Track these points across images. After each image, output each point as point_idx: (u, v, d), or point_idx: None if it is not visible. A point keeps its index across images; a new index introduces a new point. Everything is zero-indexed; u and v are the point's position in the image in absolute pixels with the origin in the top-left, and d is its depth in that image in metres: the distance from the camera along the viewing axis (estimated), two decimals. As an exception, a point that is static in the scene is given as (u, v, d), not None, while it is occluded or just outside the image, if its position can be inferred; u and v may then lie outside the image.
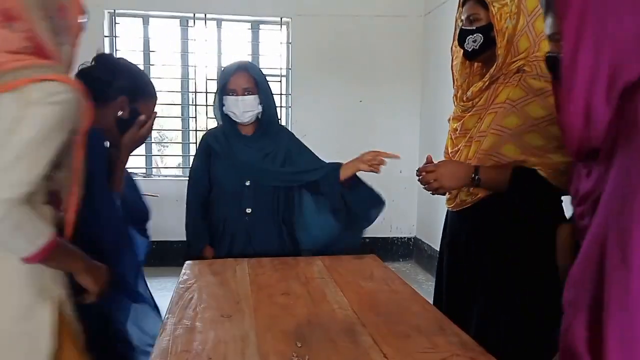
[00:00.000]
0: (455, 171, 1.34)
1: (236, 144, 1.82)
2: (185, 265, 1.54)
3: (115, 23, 4.10)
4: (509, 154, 1.28)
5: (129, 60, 1.47)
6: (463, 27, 1.40)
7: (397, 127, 4.43)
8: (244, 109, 1.75)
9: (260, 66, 4.30)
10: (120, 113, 1.36)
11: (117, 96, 1.35)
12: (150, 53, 4.19)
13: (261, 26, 4.33)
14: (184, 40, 4.21)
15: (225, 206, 1.80)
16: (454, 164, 1.38)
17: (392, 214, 4.57)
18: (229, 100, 1.76)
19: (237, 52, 4.34)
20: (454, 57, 1.53)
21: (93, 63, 1.37)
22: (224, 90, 1.77)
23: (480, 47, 1.36)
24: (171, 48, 4.23)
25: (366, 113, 4.39)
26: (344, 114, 4.37)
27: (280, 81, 4.34)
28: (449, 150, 1.51)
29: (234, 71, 1.77)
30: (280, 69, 4.33)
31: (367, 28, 4.29)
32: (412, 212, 4.43)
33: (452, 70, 1.54)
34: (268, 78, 1.87)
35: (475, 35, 1.36)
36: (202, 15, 4.10)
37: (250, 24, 4.30)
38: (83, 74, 1.32)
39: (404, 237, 4.51)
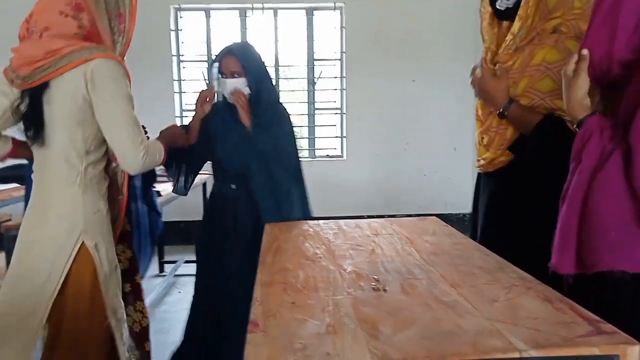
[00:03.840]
0: (492, 92, 1.38)
1: (225, 123, 1.95)
2: (265, 227, 1.74)
3: (179, 17, 4.39)
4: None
5: None
6: None
7: (451, 106, 4.48)
8: (230, 91, 1.87)
9: (315, 51, 4.50)
10: None
11: None
12: (212, 44, 4.46)
13: (315, 12, 4.49)
14: (243, 30, 4.45)
15: (216, 181, 2.02)
16: (494, 84, 1.38)
17: (447, 191, 4.65)
18: (221, 82, 1.91)
19: (294, 38, 4.53)
20: (482, 19, 1.50)
21: None
22: (218, 72, 1.92)
23: (515, 5, 1.33)
24: (231, 38, 4.48)
25: (419, 92, 4.47)
26: (398, 94, 4.48)
27: (335, 65, 4.49)
28: (479, 113, 1.52)
29: (223, 55, 1.90)
30: (335, 52, 4.48)
31: (418, 8, 4.36)
32: (468, 188, 4.46)
33: (481, 32, 1.51)
34: (323, 62, 1.95)
35: None
36: (260, 5, 4.31)
37: (304, 10, 4.47)
38: None
39: (460, 214, 4.58)
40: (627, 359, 0.78)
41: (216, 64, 1.93)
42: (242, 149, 1.91)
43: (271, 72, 4.50)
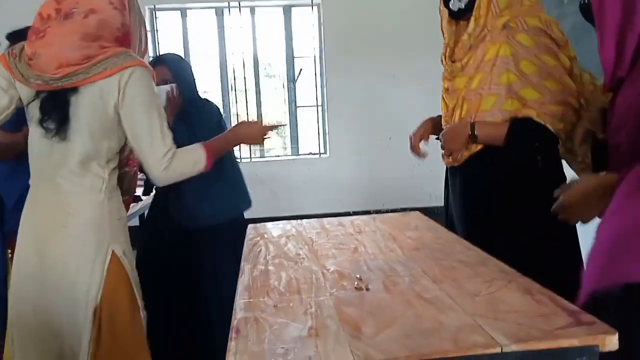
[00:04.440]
0: (454, 133, 1.47)
1: None
2: (248, 227, 1.73)
3: (155, 18, 4.32)
4: (511, 109, 1.38)
5: None
6: None
7: (431, 99, 4.47)
8: (163, 96, 1.96)
9: (294, 48, 4.48)
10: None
11: None
12: (189, 44, 4.41)
13: (293, 10, 4.46)
14: (220, 29, 4.41)
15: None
16: (453, 126, 1.50)
17: (430, 184, 4.67)
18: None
19: (272, 36, 4.51)
20: (442, 18, 1.59)
21: None
22: None
23: (466, 5, 1.43)
24: (209, 37, 4.44)
25: (400, 87, 4.48)
26: (378, 89, 4.48)
27: (314, 62, 4.47)
28: (444, 113, 1.61)
29: (154, 65, 1.99)
30: (314, 49, 4.46)
31: (396, 4, 4.35)
32: (451, 181, 4.50)
33: (441, 30, 1.61)
34: (302, 60, 2.02)
35: None
36: (237, 4, 4.27)
37: (282, 8, 4.44)
38: None
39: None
40: (607, 348, 0.79)
41: None
42: None
43: (250, 70, 4.51)
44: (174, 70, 2.02)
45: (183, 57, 2.17)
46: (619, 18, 0.92)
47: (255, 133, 1.68)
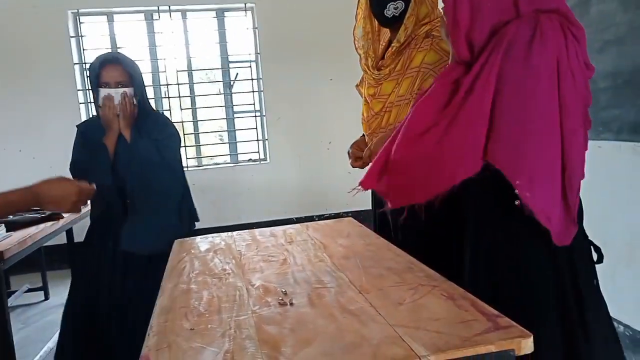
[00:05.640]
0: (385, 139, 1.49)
1: (101, 138, 1.81)
2: (175, 242, 1.64)
3: (79, 23, 4.10)
4: None
5: None
6: None
7: (369, 102, 4.54)
8: (119, 100, 1.77)
9: (229, 53, 4.39)
10: None
11: None
12: (118, 50, 4.21)
13: (226, 13, 4.37)
14: (151, 34, 4.24)
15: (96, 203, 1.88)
16: (383, 136, 1.54)
17: (371, 187, 4.72)
18: (103, 92, 1.76)
19: (205, 41, 4.38)
20: (356, 23, 1.65)
21: None
22: (97, 83, 1.78)
23: (400, 14, 1.49)
24: (139, 43, 4.25)
25: (337, 91, 4.48)
26: (316, 94, 4.47)
27: (250, 67, 4.40)
28: (366, 116, 1.66)
29: (104, 64, 1.77)
30: (249, 54, 4.39)
31: (330, 6, 4.36)
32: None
33: (353, 34, 1.68)
34: (238, 65, 1.92)
35: (397, 2, 1.48)
36: (166, 8, 4.13)
37: (215, 12, 4.34)
38: None
39: (385, 208, 4.66)
40: (522, 351, 0.79)
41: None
42: (123, 161, 1.80)
43: (184, 76, 4.37)
44: (131, 72, 1.79)
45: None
46: (467, 20, 1.05)
47: (67, 197, 1.23)
